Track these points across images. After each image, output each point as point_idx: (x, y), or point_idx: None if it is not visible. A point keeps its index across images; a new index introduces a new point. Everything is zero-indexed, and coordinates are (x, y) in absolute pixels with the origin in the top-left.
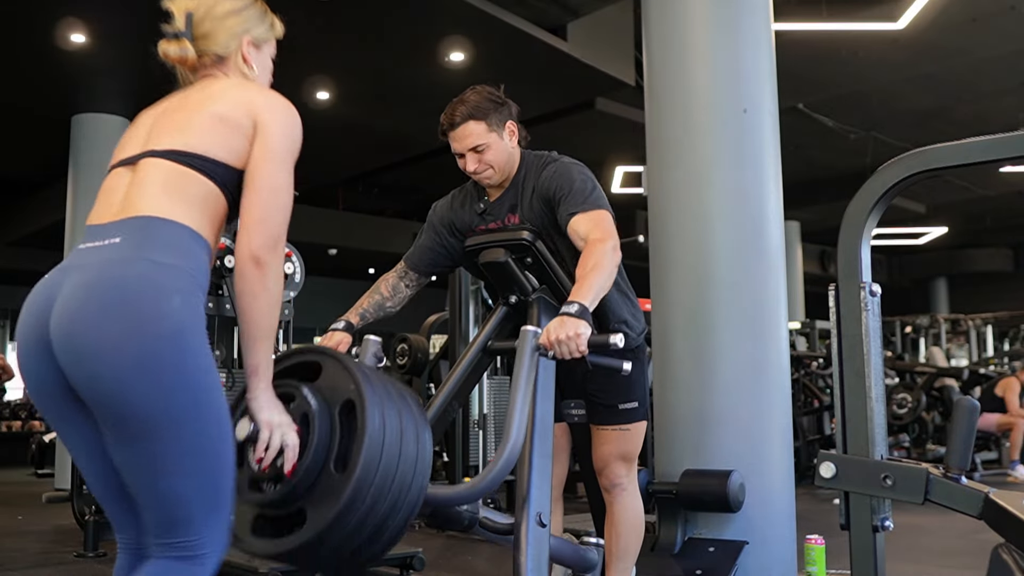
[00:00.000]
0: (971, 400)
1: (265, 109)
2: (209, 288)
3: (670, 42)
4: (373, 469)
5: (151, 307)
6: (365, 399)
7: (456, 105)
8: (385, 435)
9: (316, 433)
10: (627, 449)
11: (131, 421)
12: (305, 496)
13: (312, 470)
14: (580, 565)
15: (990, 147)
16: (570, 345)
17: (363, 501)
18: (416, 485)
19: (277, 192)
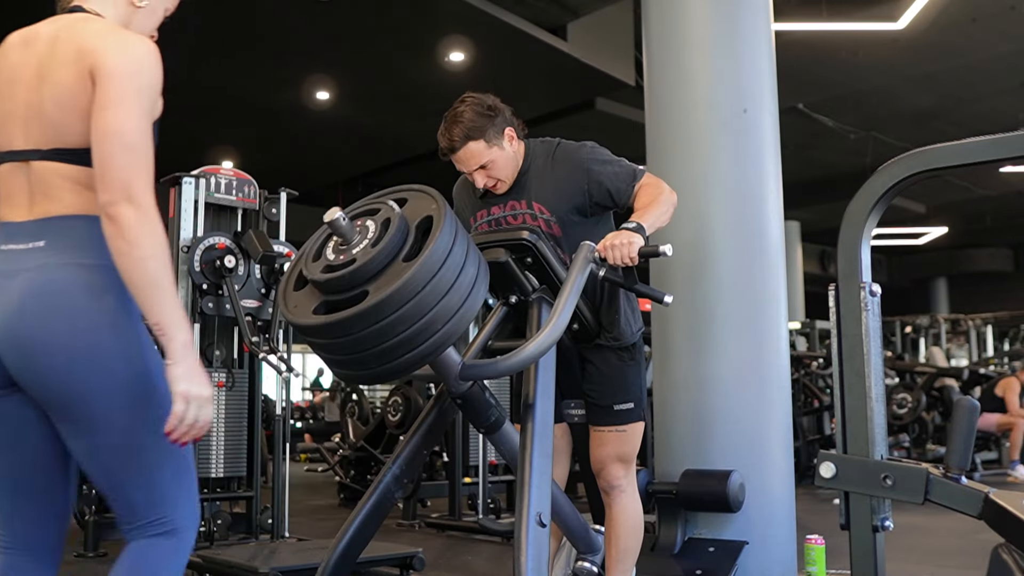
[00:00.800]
0: (971, 400)
1: (99, 56)
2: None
3: (670, 42)
4: (436, 264)
5: (88, 308)
6: (444, 215)
7: (451, 126)
8: (453, 247)
9: (393, 231)
10: (624, 450)
11: (90, 415)
12: (370, 280)
13: (382, 257)
14: (585, 542)
15: (990, 147)
16: (623, 251)
17: (420, 287)
18: (468, 305)
19: (114, 136)
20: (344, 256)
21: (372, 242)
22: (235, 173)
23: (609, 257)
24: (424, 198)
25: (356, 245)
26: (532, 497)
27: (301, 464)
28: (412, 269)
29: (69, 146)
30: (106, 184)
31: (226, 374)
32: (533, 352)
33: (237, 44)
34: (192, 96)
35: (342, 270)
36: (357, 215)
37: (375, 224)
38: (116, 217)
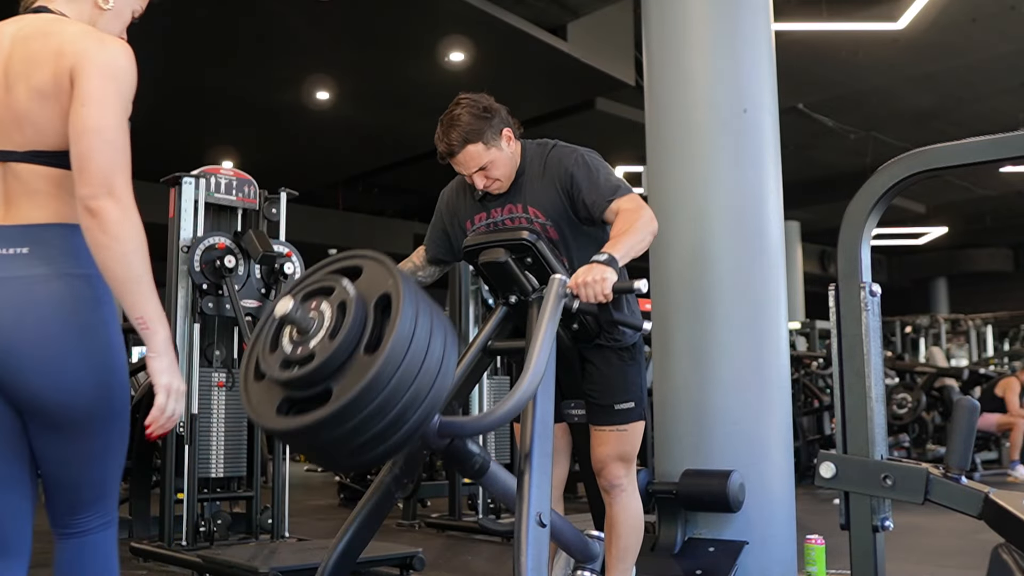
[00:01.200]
0: (971, 400)
1: (79, 57)
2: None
3: (670, 42)
4: (401, 353)
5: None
6: (402, 293)
7: (448, 130)
8: (416, 327)
9: (351, 318)
10: (625, 449)
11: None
12: (332, 376)
13: (343, 351)
14: (582, 552)
15: (990, 147)
16: (596, 288)
17: (387, 382)
18: (437, 387)
19: (94, 132)
20: (302, 349)
21: (330, 332)
22: (235, 173)
23: (581, 295)
24: (378, 269)
25: (313, 336)
26: (532, 497)
27: (301, 464)
28: (376, 365)
29: (48, 148)
30: (86, 179)
31: (226, 374)
32: (511, 410)
33: (237, 44)
34: (192, 96)
35: (301, 368)
36: (310, 293)
37: (330, 309)
38: (97, 211)
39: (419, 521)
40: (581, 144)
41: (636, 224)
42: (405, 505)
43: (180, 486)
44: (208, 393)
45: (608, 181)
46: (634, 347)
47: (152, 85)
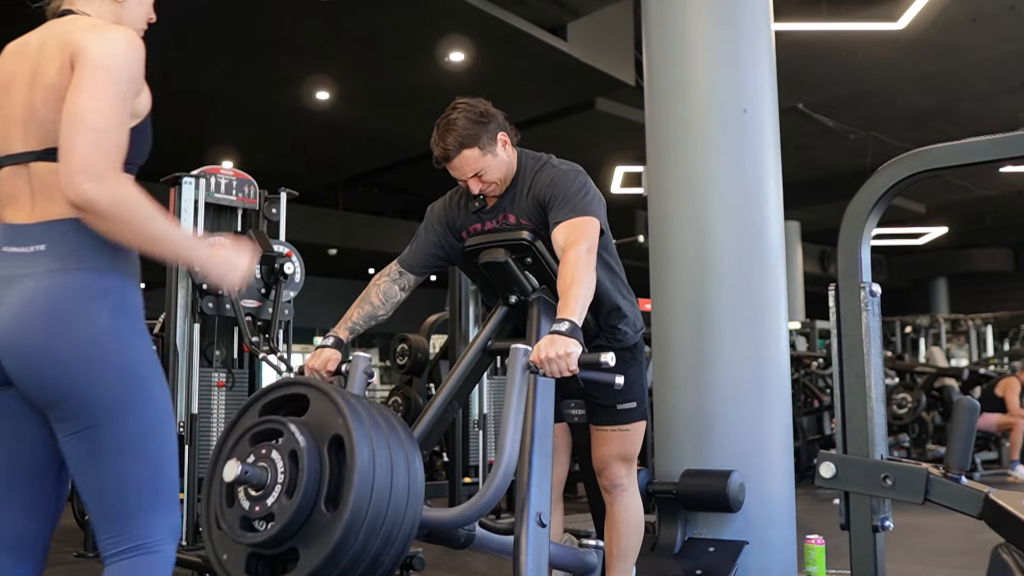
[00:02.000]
0: (971, 400)
1: (77, 47)
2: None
3: (670, 42)
4: (364, 507)
5: (84, 312)
6: (353, 434)
7: (444, 134)
8: (375, 470)
9: (305, 471)
10: (626, 449)
11: (77, 413)
12: (297, 535)
13: (303, 509)
14: (580, 569)
15: (990, 147)
16: (560, 364)
17: (355, 539)
18: (409, 516)
19: (79, 118)
20: (259, 507)
21: (286, 490)
22: (235, 173)
23: (546, 371)
24: (324, 403)
25: (269, 492)
26: (532, 497)
27: None
28: (341, 526)
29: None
30: (64, 167)
31: (226, 374)
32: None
33: (237, 44)
34: (192, 96)
35: (261, 531)
36: (258, 435)
37: (281, 458)
38: (82, 204)
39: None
40: (581, 144)
41: (577, 270)
42: None
43: (180, 486)
44: (208, 393)
45: (571, 200)
46: (635, 347)
47: (152, 85)
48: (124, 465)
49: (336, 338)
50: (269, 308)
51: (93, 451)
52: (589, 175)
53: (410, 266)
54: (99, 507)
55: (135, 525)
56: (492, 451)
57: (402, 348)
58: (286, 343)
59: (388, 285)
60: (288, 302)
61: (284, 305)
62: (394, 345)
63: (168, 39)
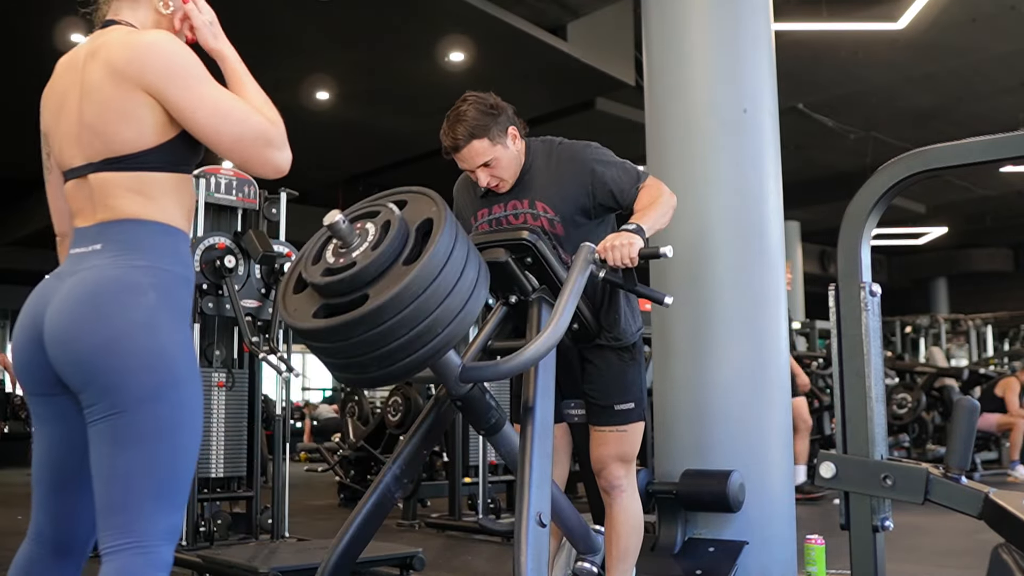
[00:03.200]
0: (971, 400)
1: (141, 60)
2: (209, 288)
3: (670, 42)
4: (437, 268)
5: (123, 301)
6: (443, 219)
7: (454, 125)
8: (453, 250)
9: (393, 234)
10: (625, 450)
11: (103, 399)
12: (371, 284)
13: (383, 261)
14: (585, 543)
15: (990, 147)
16: (623, 251)
17: (421, 291)
18: (467, 309)
19: (221, 113)
20: (344, 259)
21: (372, 245)
22: (235, 173)
23: (609, 258)
24: (424, 200)
25: (356, 248)
26: (532, 497)
27: (301, 464)
28: (412, 273)
29: (117, 154)
30: (248, 152)
31: (226, 374)
32: (534, 354)
33: (237, 44)
34: None
35: (342, 273)
36: (357, 217)
37: (375, 227)
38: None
39: (419, 521)
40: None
41: (659, 199)
42: (405, 505)
43: None
44: (208, 393)
45: (628, 170)
46: (634, 347)
47: None
48: (137, 458)
49: None
50: (269, 308)
51: (112, 439)
52: None
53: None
54: (105, 497)
55: (135, 521)
56: (492, 451)
57: None
58: (286, 343)
59: None
60: None
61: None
62: None
63: None
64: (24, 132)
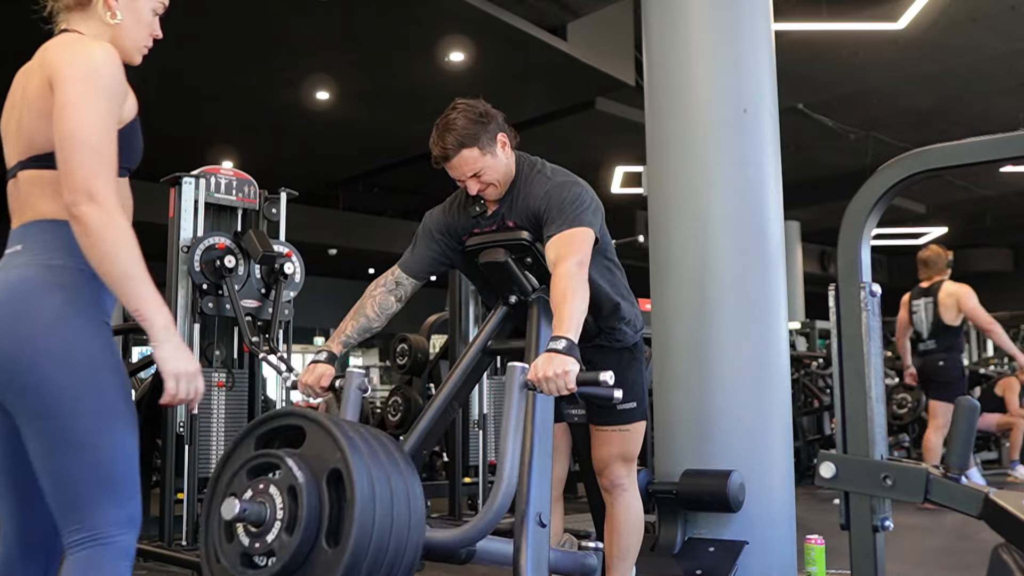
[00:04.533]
0: (971, 400)
1: (54, 64)
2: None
3: (670, 42)
4: (366, 541)
5: (32, 301)
6: (352, 468)
7: (444, 134)
8: (376, 503)
9: (305, 507)
10: (627, 449)
11: (25, 401)
12: (298, 572)
13: (304, 546)
14: (581, 572)
15: (990, 147)
16: (558, 383)
17: (358, 574)
18: (411, 547)
19: (71, 137)
20: (259, 544)
21: (286, 526)
22: (235, 173)
23: (544, 389)
24: (321, 436)
25: (268, 528)
26: (532, 497)
27: None
28: (343, 562)
29: (39, 152)
30: (68, 184)
31: (226, 374)
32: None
33: (237, 44)
34: (192, 96)
35: (263, 567)
36: (255, 468)
37: (280, 493)
38: (80, 217)
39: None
40: (581, 144)
41: (569, 286)
42: None
43: (180, 486)
44: (208, 393)
45: (564, 213)
46: (635, 347)
47: (152, 85)
48: (75, 458)
49: (329, 353)
50: (269, 308)
51: (46, 442)
52: (589, 175)
53: (411, 271)
54: (54, 498)
55: (88, 516)
56: (492, 451)
57: (402, 348)
58: (286, 343)
59: (384, 297)
60: (288, 302)
61: (284, 305)
62: (394, 345)
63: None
64: None
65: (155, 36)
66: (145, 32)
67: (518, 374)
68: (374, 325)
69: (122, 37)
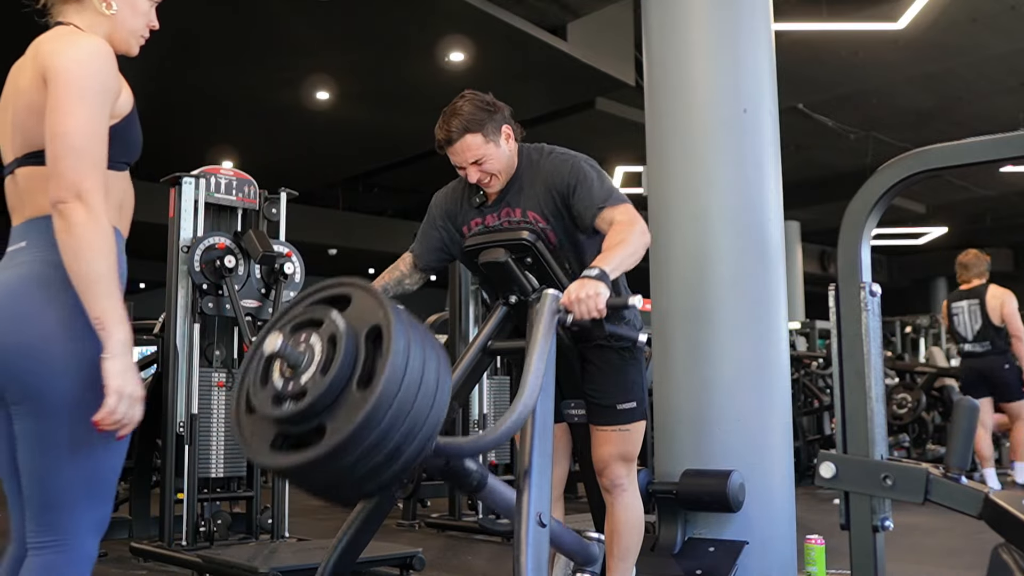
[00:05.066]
0: (971, 400)
1: (48, 60)
2: (209, 288)
3: (670, 42)
4: (395, 388)
5: (39, 301)
6: (392, 324)
7: (449, 118)
8: (409, 359)
9: (342, 352)
10: (627, 449)
11: (23, 398)
12: (326, 412)
13: (335, 387)
14: (582, 555)
15: (990, 147)
16: (589, 304)
17: (382, 418)
18: (433, 416)
19: (60, 137)
20: (293, 385)
21: (321, 368)
22: (235, 173)
23: (575, 312)
24: (367, 299)
25: (304, 371)
26: (532, 497)
27: None
28: (369, 403)
29: (35, 148)
30: (55, 183)
31: (226, 374)
32: (509, 429)
33: (237, 44)
34: (192, 96)
35: (292, 404)
36: (299, 325)
37: (320, 342)
38: (65, 214)
39: (419, 521)
40: (581, 144)
41: (628, 237)
42: (405, 505)
43: (180, 486)
44: (208, 393)
45: (601, 188)
46: (635, 347)
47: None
48: (62, 461)
49: None
50: (269, 308)
51: (37, 442)
52: None
53: (420, 259)
54: (31, 494)
55: (60, 520)
56: (492, 451)
57: None
58: None
59: (409, 269)
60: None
61: (283, 305)
62: None
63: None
64: None
65: (152, 27)
66: (142, 22)
67: (551, 299)
68: (406, 281)
69: (118, 27)
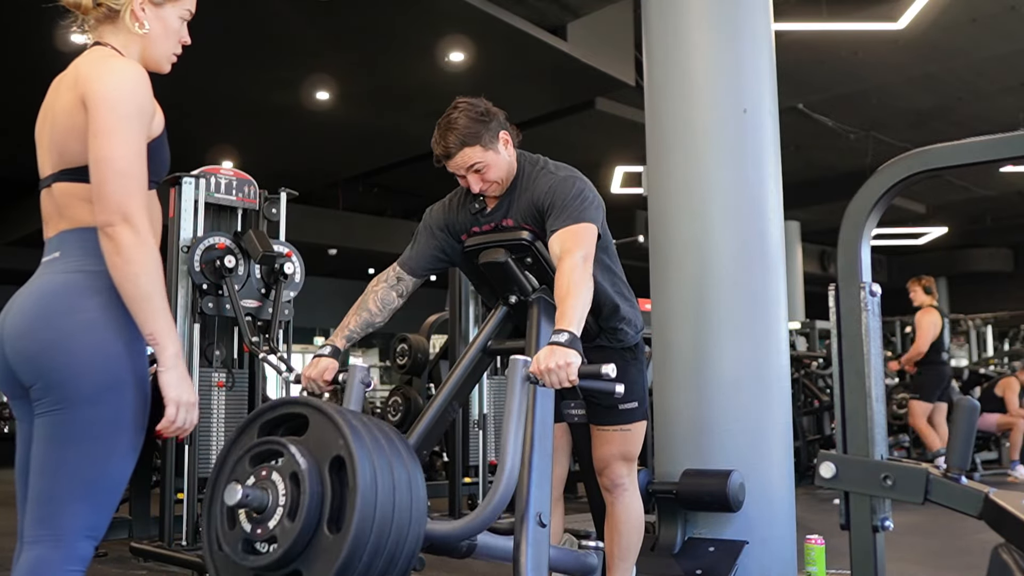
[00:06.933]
0: (971, 400)
1: (87, 84)
2: (209, 288)
3: (670, 42)
4: (368, 528)
5: (70, 303)
6: (355, 455)
7: (445, 133)
8: (378, 490)
9: (308, 494)
10: (628, 449)
11: (47, 395)
12: (300, 558)
13: (306, 532)
14: (581, 571)
15: (990, 147)
16: (560, 375)
17: (359, 561)
18: (412, 535)
19: (105, 162)
20: (261, 530)
21: (288, 512)
22: (235, 173)
23: (545, 382)
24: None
25: (270, 515)
26: (532, 497)
27: None
28: (345, 548)
29: (72, 165)
30: (102, 207)
31: (226, 374)
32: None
33: (237, 44)
34: (192, 96)
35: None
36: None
37: (282, 480)
38: (113, 236)
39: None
40: (581, 144)
41: (572, 279)
42: None
43: (180, 486)
44: (208, 393)
45: (568, 207)
46: (636, 347)
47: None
48: (69, 455)
49: (333, 347)
50: (269, 308)
51: (50, 433)
52: (589, 175)
53: (411, 269)
54: (34, 487)
55: (57, 515)
56: (492, 451)
57: (402, 348)
58: (286, 343)
59: (386, 292)
60: (288, 302)
61: (284, 305)
62: (394, 345)
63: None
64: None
65: (184, 43)
66: (174, 40)
67: (520, 367)
68: (376, 320)
69: (151, 46)
